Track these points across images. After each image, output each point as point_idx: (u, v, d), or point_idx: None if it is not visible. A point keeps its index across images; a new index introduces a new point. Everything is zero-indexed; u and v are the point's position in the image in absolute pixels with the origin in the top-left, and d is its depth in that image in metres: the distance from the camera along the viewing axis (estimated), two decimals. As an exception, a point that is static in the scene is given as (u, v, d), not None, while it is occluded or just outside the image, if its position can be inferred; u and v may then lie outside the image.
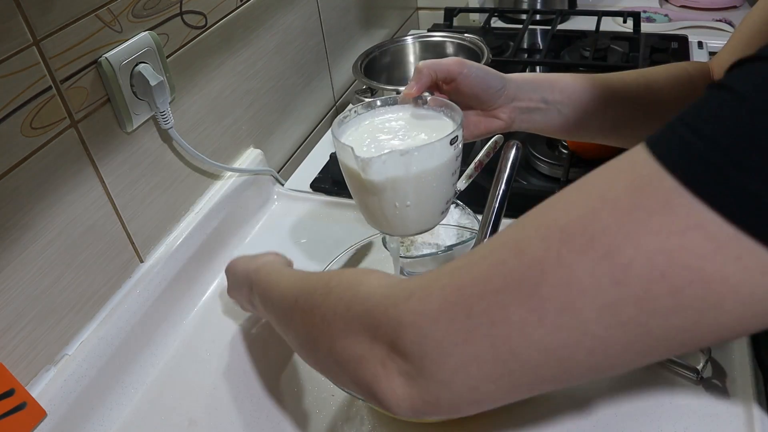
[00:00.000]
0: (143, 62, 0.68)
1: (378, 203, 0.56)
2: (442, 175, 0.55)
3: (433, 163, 0.53)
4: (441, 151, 0.53)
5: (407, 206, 0.55)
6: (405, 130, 0.58)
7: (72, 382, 0.63)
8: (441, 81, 0.60)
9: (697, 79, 0.62)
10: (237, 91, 0.89)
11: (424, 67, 0.59)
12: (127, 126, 0.68)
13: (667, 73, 0.64)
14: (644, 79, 0.63)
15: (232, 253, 0.86)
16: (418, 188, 0.54)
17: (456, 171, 0.57)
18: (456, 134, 0.54)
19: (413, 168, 0.53)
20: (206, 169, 0.84)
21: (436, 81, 0.60)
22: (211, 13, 0.80)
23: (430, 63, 0.59)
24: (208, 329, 0.76)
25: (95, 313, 0.69)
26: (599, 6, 1.45)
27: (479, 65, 0.60)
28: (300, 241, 0.88)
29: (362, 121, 0.60)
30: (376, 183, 0.54)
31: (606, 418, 0.60)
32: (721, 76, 0.31)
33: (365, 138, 0.58)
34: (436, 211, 0.59)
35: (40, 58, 0.57)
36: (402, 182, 0.53)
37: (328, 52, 1.15)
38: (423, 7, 1.58)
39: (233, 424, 0.65)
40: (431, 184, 0.55)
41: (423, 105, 0.60)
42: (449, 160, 0.54)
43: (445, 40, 1.07)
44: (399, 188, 0.54)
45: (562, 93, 0.62)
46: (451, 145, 0.54)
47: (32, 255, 0.60)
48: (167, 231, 0.79)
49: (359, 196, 0.58)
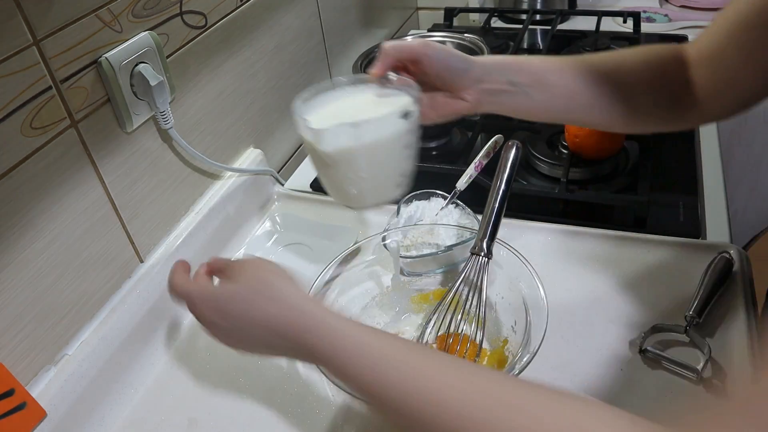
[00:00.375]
0: (143, 62, 0.68)
1: (335, 175, 0.58)
2: (393, 147, 0.57)
3: (383, 135, 0.56)
4: (391, 124, 0.56)
5: (362, 177, 0.58)
6: (367, 107, 0.60)
7: (72, 382, 0.63)
8: (407, 62, 0.60)
9: (668, 62, 0.62)
10: (237, 91, 0.89)
11: (389, 47, 0.60)
12: (127, 126, 0.68)
13: (637, 56, 0.64)
14: (613, 61, 0.63)
15: (232, 253, 0.86)
16: (370, 159, 0.57)
17: (410, 145, 0.59)
18: (409, 109, 0.56)
19: (364, 139, 0.55)
20: (206, 169, 0.84)
21: (402, 62, 0.60)
22: (211, 13, 0.80)
23: (394, 44, 0.60)
24: (208, 329, 0.76)
25: (95, 313, 0.69)
26: (599, 6, 1.45)
27: (444, 47, 0.60)
28: (300, 242, 0.88)
29: (327, 99, 0.62)
30: (330, 154, 0.56)
31: (606, 418, 0.60)
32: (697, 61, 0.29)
33: (328, 115, 0.59)
34: (391, 183, 0.60)
35: (40, 58, 0.57)
36: (354, 153, 0.56)
37: (328, 52, 1.15)
38: (423, 7, 1.58)
39: (233, 424, 0.65)
40: (383, 155, 0.57)
41: (387, 84, 0.61)
42: (400, 132, 0.56)
43: (445, 40, 1.06)
44: (352, 159, 0.56)
45: (530, 75, 0.61)
46: (402, 118, 0.56)
47: (32, 255, 0.60)
48: (167, 231, 0.79)
49: (319, 169, 0.60)
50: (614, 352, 0.66)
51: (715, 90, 0.59)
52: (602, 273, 0.75)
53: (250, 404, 0.66)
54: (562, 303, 0.71)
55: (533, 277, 0.62)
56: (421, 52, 0.59)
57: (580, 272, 0.76)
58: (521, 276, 0.64)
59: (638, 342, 0.66)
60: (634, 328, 0.68)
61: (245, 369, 0.70)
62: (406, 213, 0.81)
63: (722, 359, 0.63)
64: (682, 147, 0.97)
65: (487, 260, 0.61)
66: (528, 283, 0.63)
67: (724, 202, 0.85)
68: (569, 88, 0.62)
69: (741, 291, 0.70)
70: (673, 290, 0.72)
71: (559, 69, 0.62)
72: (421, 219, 0.80)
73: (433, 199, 0.83)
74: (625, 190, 0.89)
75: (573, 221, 0.83)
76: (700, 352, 0.64)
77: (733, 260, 0.71)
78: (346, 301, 0.70)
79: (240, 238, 0.88)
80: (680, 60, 0.61)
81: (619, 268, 0.75)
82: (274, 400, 0.67)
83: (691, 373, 0.62)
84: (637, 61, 0.63)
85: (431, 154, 1.02)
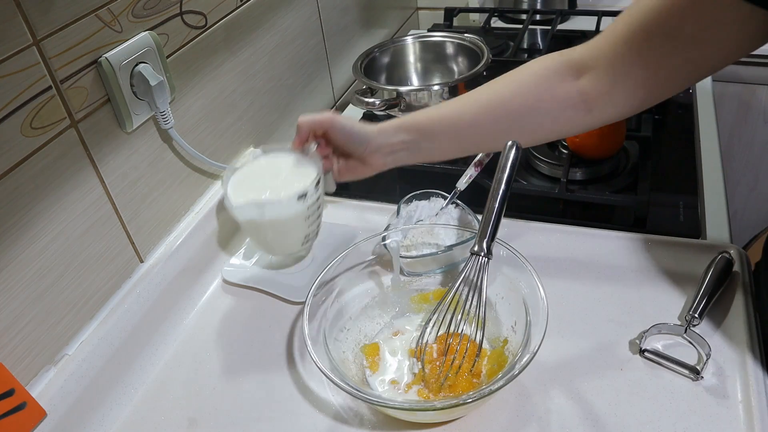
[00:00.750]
0: (143, 62, 0.68)
1: (249, 234, 0.75)
2: (293, 222, 0.70)
3: (282, 214, 0.69)
4: (289, 205, 0.68)
5: (267, 240, 0.74)
6: (285, 175, 0.72)
7: (72, 382, 0.63)
8: (319, 134, 0.70)
9: (556, 75, 0.64)
10: (237, 91, 0.89)
11: (302, 122, 0.70)
12: (127, 126, 0.68)
13: (513, 83, 0.67)
14: (494, 95, 0.68)
15: (232, 254, 0.86)
16: (273, 230, 0.71)
17: (311, 216, 0.71)
18: (306, 191, 0.69)
19: (266, 215, 0.69)
20: (206, 169, 0.84)
21: (315, 133, 0.71)
22: (211, 13, 0.80)
23: (307, 119, 0.70)
24: (208, 329, 0.76)
25: (95, 313, 0.69)
26: (599, 6, 1.45)
27: (349, 122, 0.70)
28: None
29: (254, 164, 0.75)
30: (241, 222, 0.72)
31: (606, 417, 0.60)
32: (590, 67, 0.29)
33: (252, 180, 0.73)
34: (296, 243, 0.74)
35: (40, 58, 0.57)
36: (259, 225, 0.71)
37: (328, 52, 1.15)
38: (423, 7, 1.58)
39: (233, 424, 0.65)
40: (282, 228, 0.71)
41: (306, 155, 0.72)
42: (297, 212, 0.69)
43: (445, 40, 1.07)
44: (258, 228, 0.71)
45: (417, 131, 0.69)
46: (299, 200, 0.68)
47: (32, 255, 0.60)
48: (167, 231, 0.79)
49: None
50: (614, 352, 0.66)
51: (608, 94, 0.62)
52: (602, 273, 0.75)
53: (249, 404, 0.66)
54: (562, 303, 0.71)
55: (533, 277, 0.62)
56: (327, 126, 0.69)
57: (580, 272, 0.76)
58: (521, 276, 0.64)
59: (638, 342, 0.66)
60: (634, 328, 0.68)
61: (245, 369, 0.70)
62: (406, 213, 0.81)
63: (722, 359, 0.63)
64: (682, 147, 0.97)
65: (487, 260, 0.61)
66: (528, 283, 0.63)
67: (724, 202, 0.85)
68: (458, 130, 0.69)
69: (741, 291, 0.70)
70: (673, 290, 0.72)
71: (449, 115, 0.69)
72: (421, 219, 0.80)
73: (433, 199, 0.83)
74: (625, 190, 0.89)
75: (573, 221, 0.83)
76: (700, 352, 0.64)
77: (733, 260, 0.71)
78: (346, 301, 0.70)
79: (240, 239, 0.88)
80: (568, 69, 0.64)
81: (619, 268, 0.75)
82: (275, 400, 0.67)
83: (691, 373, 0.62)
84: (515, 90, 0.67)
85: (431, 154, 1.02)
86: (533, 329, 0.59)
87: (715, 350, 0.63)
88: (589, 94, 0.63)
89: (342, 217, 0.90)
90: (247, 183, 0.72)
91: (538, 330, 0.58)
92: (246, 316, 0.77)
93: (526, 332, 0.60)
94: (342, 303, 0.69)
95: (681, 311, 0.69)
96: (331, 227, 0.87)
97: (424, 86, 1.00)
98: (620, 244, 0.78)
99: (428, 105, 0.92)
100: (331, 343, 0.63)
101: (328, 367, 0.59)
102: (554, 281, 0.73)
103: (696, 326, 0.66)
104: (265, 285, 0.79)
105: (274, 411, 0.65)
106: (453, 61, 1.07)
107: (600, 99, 0.63)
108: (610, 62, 0.61)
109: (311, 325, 0.63)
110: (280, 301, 0.78)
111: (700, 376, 0.61)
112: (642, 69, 0.59)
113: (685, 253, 0.76)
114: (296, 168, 0.72)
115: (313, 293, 0.66)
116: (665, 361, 0.64)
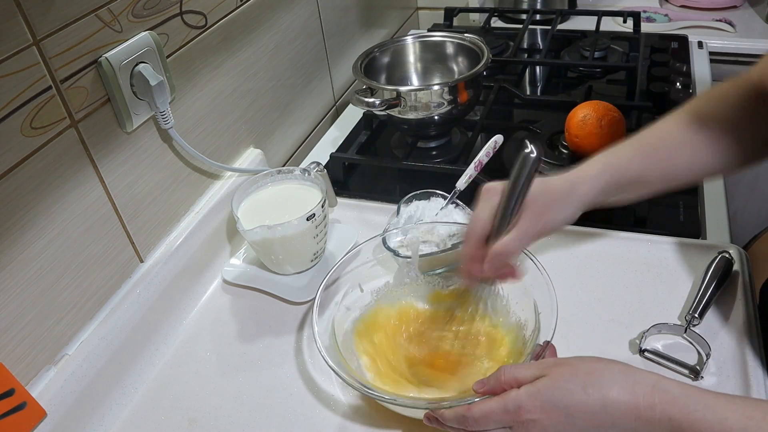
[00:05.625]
0: (143, 62, 0.68)
1: (261, 254, 0.80)
2: (302, 240, 0.76)
3: (292, 233, 0.74)
4: (299, 225, 0.73)
5: (279, 258, 0.78)
6: (292, 198, 0.80)
7: (72, 382, 0.63)
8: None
9: (753, 96, 0.62)
10: (237, 91, 0.89)
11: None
12: (127, 126, 0.68)
13: (729, 95, 0.63)
14: (711, 111, 0.63)
15: (231, 254, 0.86)
16: (284, 248, 0.76)
17: (318, 234, 0.77)
18: (314, 212, 0.74)
19: (277, 235, 0.73)
20: (206, 169, 0.84)
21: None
22: (211, 13, 0.80)
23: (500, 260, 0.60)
24: (208, 329, 0.76)
25: (95, 313, 0.69)
26: (599, 6, 1.45)
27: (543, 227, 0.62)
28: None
29: (263, 188, 0.83)
30: (252, 242, 0.77)
31: (606, 418, 0.60)
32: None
33: (262, 202, 0.81)
34: (305, 260, 0.80)
35: (40, 58, 0.57)
36: (270, 244, 0.75)
37: (328, 52, 1.15)
38: (423, 7, 1.58)
39: (233, 424, 0.65)
40: (294, 246, 0.76)
41: (306, 176, 0.81)
42: (306, 230, 0.75)
43: (445, 40, 1.07)
44: (269, 247, 0.76)
45: (623, 187, 0.64)
46: (308, 220, 0.74)
47: (32, 255, 0.60)
48: (167, 231, 0.79)
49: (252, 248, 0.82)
50: (614, 352, 0.66)
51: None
52: (602, 273, 0.75)
53: (250, 404, 0.66)
54: (562, 303, 0.71)
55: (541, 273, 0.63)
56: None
57: (580, 272, 0.76)
58: (534, 281, 0.65)
59: (638, 342, 0.66)
60: (634, 328, 0.68)
61: (245, 369, 0.70)
62: (406, 213, 0.81)
63: (722, 359, 0.63)
64: (682, 147, 0.97)
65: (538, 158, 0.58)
66: (538, 285, 0.64)
67: (724, 202, 0.85)
68: (668, 168, 0.63)
69: (741, 291, 0.70)
70: (673, 290, 0.72)
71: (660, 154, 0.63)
72: (421, 219, 0.80)
73: (433, 199, 0.83)
74: (625, 190, 0.88)
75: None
76: (700, 352, 0.64)
77: (733, 260, 0.71)
78: (348, 302, 0.70)
79: (240, 239, 0.88)
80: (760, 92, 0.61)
81: (619, 268, 0.75)
82: (275, 400, 0.67)
83: (691, 373, 0.62)
84: (731, 101, 0.63)
85: (431, 154, 1.02)
86: (542, 327, 0.61)
87: (715, 350, 0.63)
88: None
89: (342, 216, 0.90)
90: (257, 208, 0.80)
91: (546, 329, 0.60)
92: (246, 317, 0.77)
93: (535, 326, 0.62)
94: (345, 303, 0.69)
95: (681, 311, 0.69)
96: (331, 227, 0.87)
97: (424, 86, 1.00)
98: (620, 244, 0.78)
99: (428, 105, 0.92)
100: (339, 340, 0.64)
101: (339, 366, 0.59)
102: (554, 281, 0.73)
103: (696, 326, 0.66)
104: (265, 285, 0.79)
105: (274, 411, 0.65)
106: (453, 61, 1.07)
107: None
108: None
109: (320, 321, 0.64)
110: (280, 302, 0.78)
111: (700, 376, 0.61)
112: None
113: (685, 253, 0.76)
114: (302, 190, 0.81)
115: (320, 294, 0.67)
116: (665, 361, 0.64)
